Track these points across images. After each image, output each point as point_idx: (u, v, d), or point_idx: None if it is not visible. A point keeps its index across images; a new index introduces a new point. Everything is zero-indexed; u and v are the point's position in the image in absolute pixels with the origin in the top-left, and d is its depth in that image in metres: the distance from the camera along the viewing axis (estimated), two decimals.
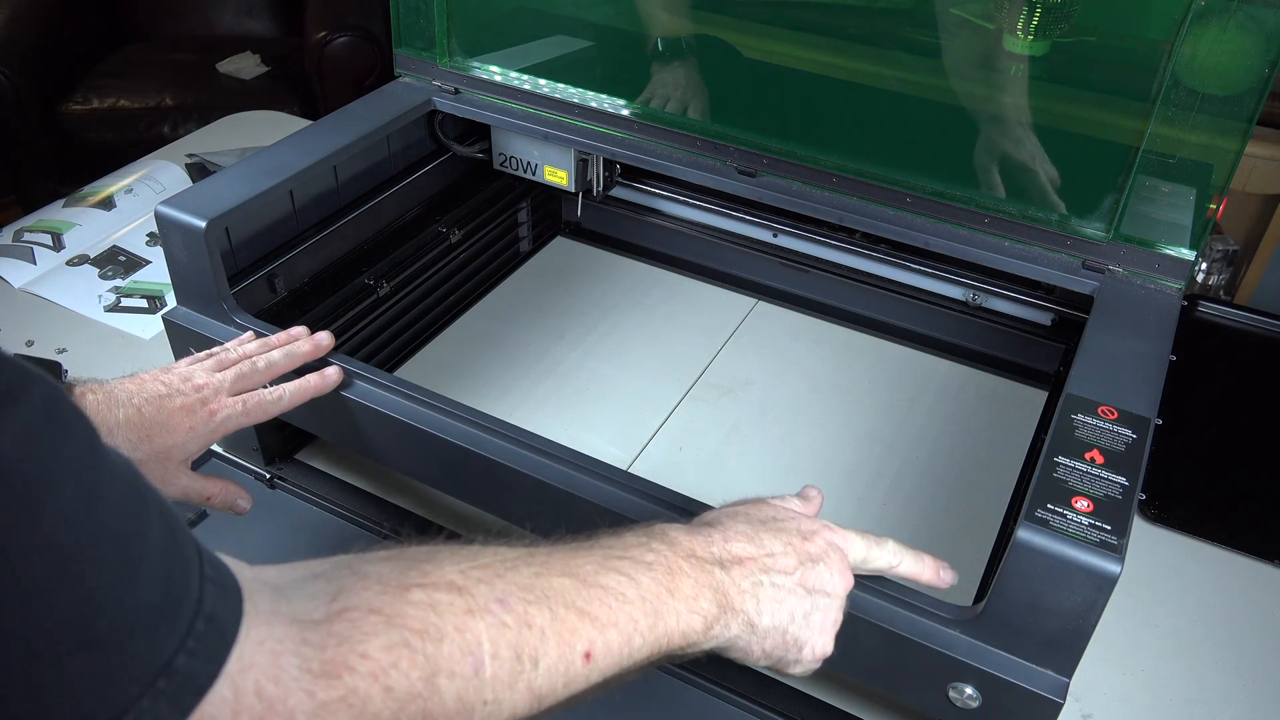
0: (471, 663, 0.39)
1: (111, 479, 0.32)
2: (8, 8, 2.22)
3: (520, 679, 0.41)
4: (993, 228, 0.83)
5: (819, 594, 0.53)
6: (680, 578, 0.48)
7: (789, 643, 0.52)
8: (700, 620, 0.48)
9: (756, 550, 0.52)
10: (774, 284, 1.14)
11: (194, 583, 0.34)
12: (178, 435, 0.66)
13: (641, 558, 0.48)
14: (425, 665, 0.38)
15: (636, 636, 0.45)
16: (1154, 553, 0.86)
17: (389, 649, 0.37)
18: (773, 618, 0.51)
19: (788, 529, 0.54)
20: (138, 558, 0.32)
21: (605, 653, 0.44)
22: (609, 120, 0.96)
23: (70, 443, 0.31)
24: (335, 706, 0.35)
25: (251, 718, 0.34)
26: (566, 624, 0.43)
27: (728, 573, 0.50)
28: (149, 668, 0.31)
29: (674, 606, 0.47)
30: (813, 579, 0.53)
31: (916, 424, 0.97)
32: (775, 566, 0.52)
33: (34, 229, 1.24)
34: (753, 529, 0.53)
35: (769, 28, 0.99)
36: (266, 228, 0.88)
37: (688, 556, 0.49)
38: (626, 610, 0.45)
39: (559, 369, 1.02)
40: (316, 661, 0.36)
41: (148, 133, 2.18)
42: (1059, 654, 0.57)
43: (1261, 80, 0.70)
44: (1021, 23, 0.83)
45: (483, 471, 0.71)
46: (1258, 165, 1.88)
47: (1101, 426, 0.63)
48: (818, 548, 0.54)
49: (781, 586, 0.52)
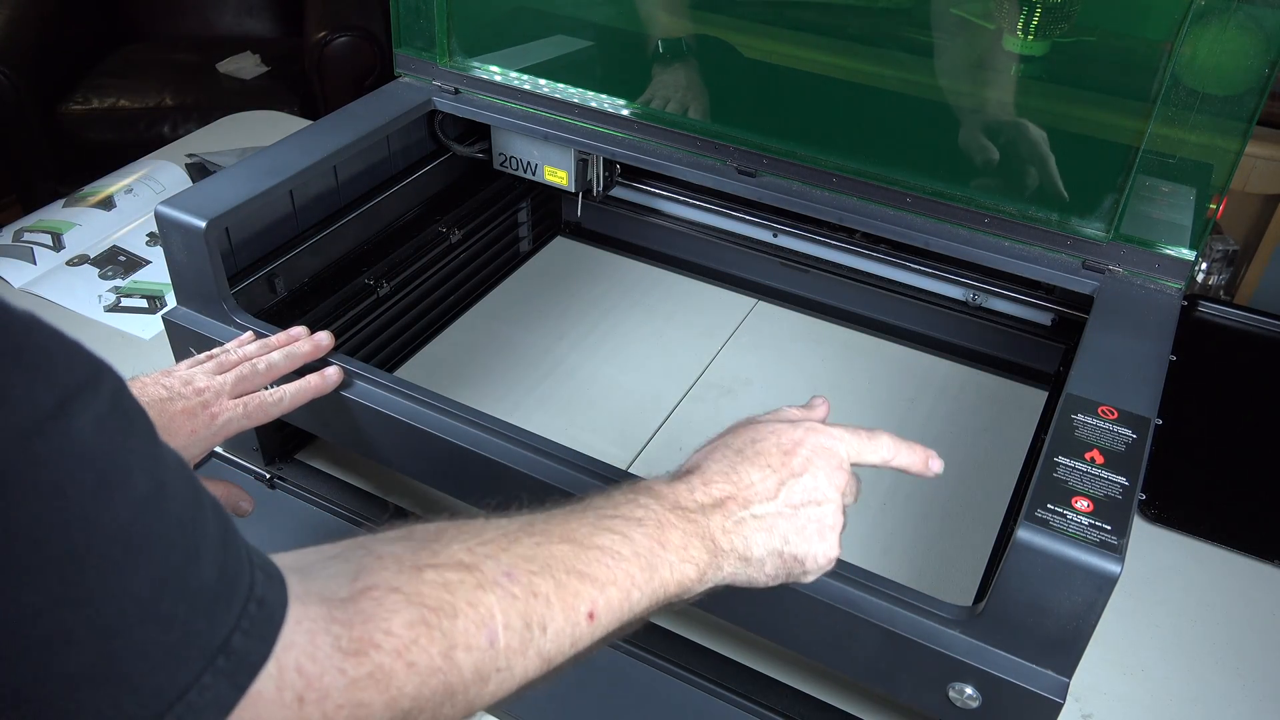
0: (486, 635, 0.41)
1: (172, 469, 0.34)
2: (8, 8, 2.21)
3: (531, 646, 0.43)
4: (993, 228, 0.83)
5: (808, 505, 0.54)
6: (669, 530, 0.50)
7: (789, 561, 0.53)
8: (693, 568, 0.50)
9: (735, 487, 0.53)
10: (774, 284, 1.13)
11: (245, 569, 0.35)
12: (179, 438, 0.66)
13: (631, 514, 0.50)
14: (443, 640, 0.40)
15: (635, 591, 0.47)
16: (1154, 553, 0.86)
17: (410, 626, 0.39)
18: (764, 546, 0.52)
19: (766, 449, 0.55)
20: (198, 543, 0.34)
21: (607, 610, 0.46)
22: (609, 120, 0.96)
23: (136, 433, 0.33)
24: (365, 683, 0.37)
25: (293, 693, 0.35)
26: (569, 589, 0.45)
27: (709, 517, 0.52)
28: (209, 646, 0.33)
29: (666, 558, 0.49)
30: (798, 494, 0.54)
31: (916, 424, 0.97)
32: (755, 496, 0.53)
33: (34, 229, 1.24)
34: (730, 463, 0.54)
35: (769, 28, 0.99)
36: (266, 228, 0.88)
37: (673, 508, 0.51)
38: (623, 567, 0.47)
39: (559, 369, 1.02)
40: (346, 639, 0.37)
41: (148, 133, 2.18)
42: (1059, 654, 0.57)
43: (1261, 80, 0.70)
44: (1021, 23, 0.83)
45: (483, 471, 0.71)
46: (1258, 165, 1.88)
47: (1101, 426, 0.63)
48: (800, 460, 0.54)
49: (765, 515, 0.53)
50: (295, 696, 0.35)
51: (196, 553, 0.33)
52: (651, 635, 0.76)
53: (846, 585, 0.61)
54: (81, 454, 0.30)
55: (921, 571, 0.82)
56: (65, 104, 2.21)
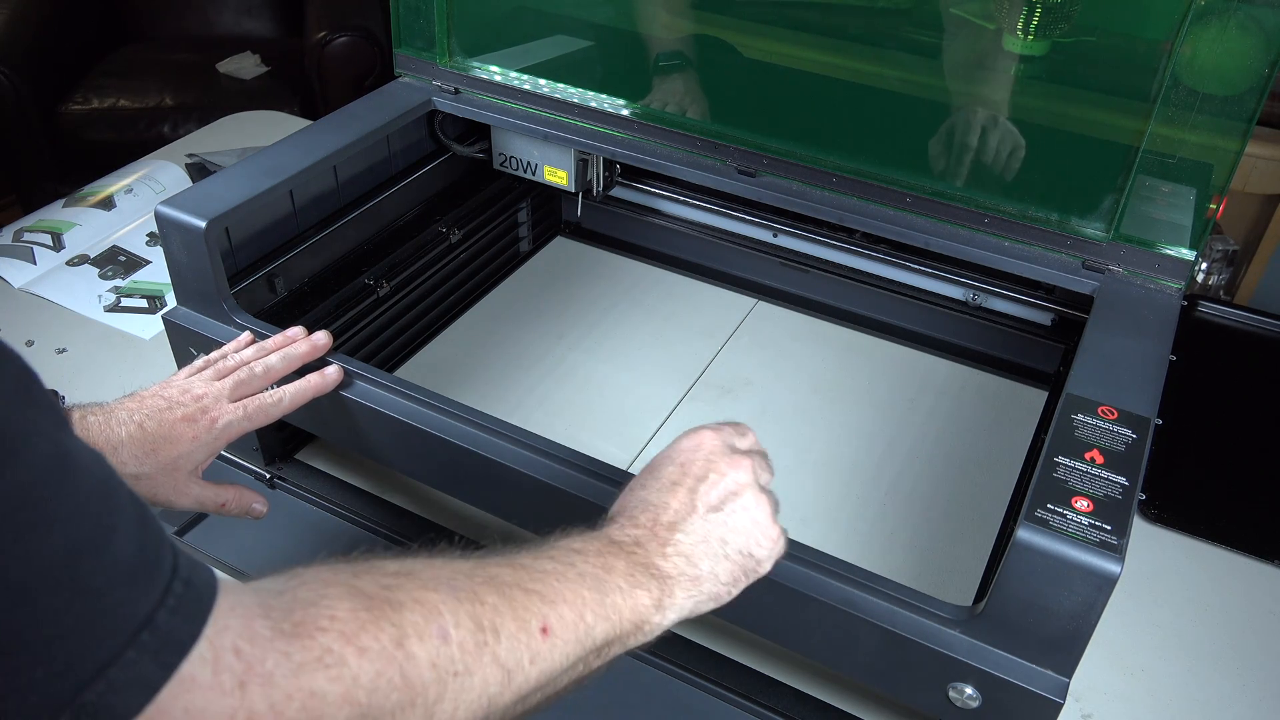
0: (436, 628, 0.40)
1: (81, 450, 0.33)
2: (8, 8, 2.21)
3: (485, 649, 0.41)
4: (993, 228, 0.83)
5: (727, 501, 0.54)
6: (611, 558, 0.49)
7: (738, 559, 0.53)
8: (646, 595, 0.49)
9: (655, 514, 0.53)
10: (774, 284, 1.14)
11: (167, 551, 0.35)
12: (182, 445, 0.66)
13: (569, 546, 0.50)
14: (392, 629, 0.38)
15: (587, 612, 0.46)
16: (1154, 553, 0.86)
17: (354, 612, 0.38)
18: (707, 558, 0.52)
19: (665, 473, 0.55)
20: (113, 519, 0.33)
21: (561, 627, 0.45)
22: (609, 120, 0.96)
23: (42, 413, 0.32)
24: (312, 666, 0.36)
25: (232, 677, 0.34)
26: (516, 601, 0.44)
27: (646, 549, 0.51)
28: (131, 620, 0.32)
29: (615, 583, 0.48)
30: (713, 496, 0.54)
31: (916, 424, 0.97)
32: (677, 517, 0.53)
33: (34, 229, 1.24)
34: (641, 498, 0.54)
35: (769, 28, 0.99)
36: (266, 228, 0.88)
37: (608, 543, 0.51)
38: (570, 587, 0.46)
39: (559, 369, 1.02)
40: (287, 623, 0.36)
41: (148, 133, 2.18)
42: (1059, 654, 0.57)
43: (1261, 80, 0.70)
44: (1021, 23, 0.83)
45: (483, 471, 0.71)
46: (1258, 165, 1.88)
47: (1101, 426, 0.63)
48: (699, 465, 0.55)
49: (693, 529, 0.52)
50: (236, 682, 0.34)
51: (112, 527, 0.32)
52: None
53: (846, 585, 0.61)
54: None
55: (921, 571, 0.82)
56: (65, 104, 2.21)
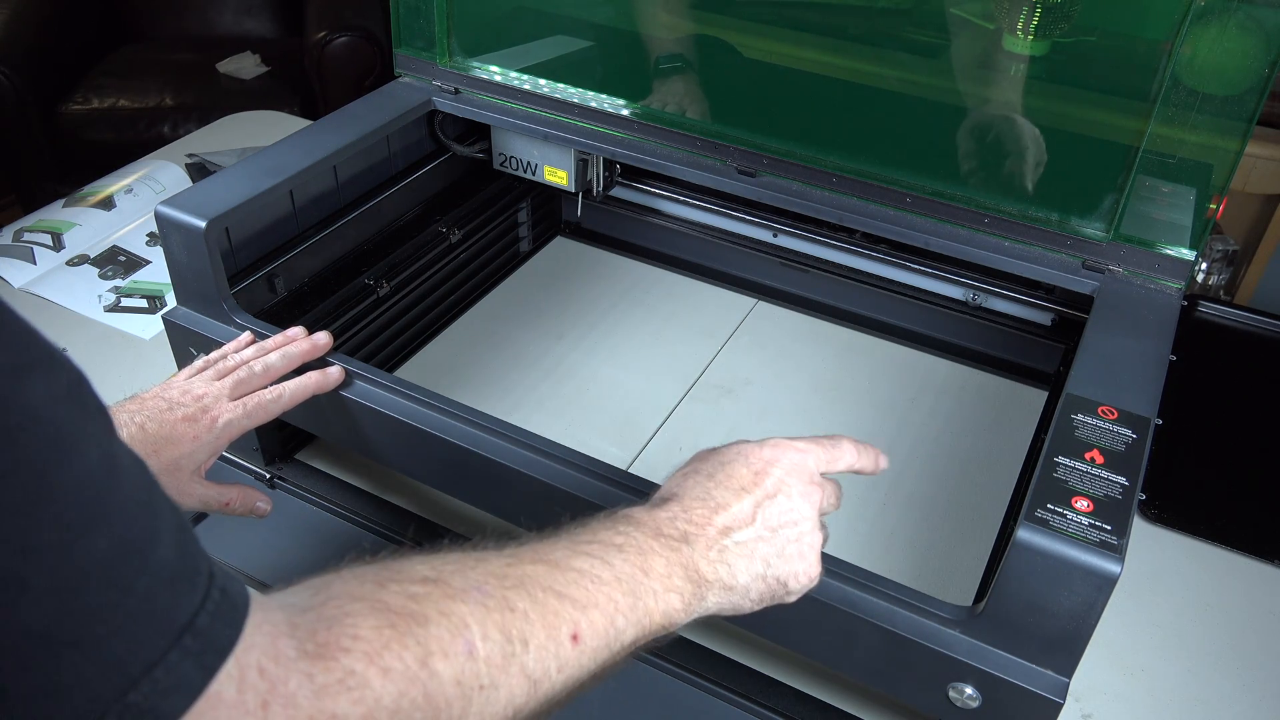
0: (463, 643, 0.39)
1: (128, 457, 0.33)
2: (8, 8, 2.21)
3: (513, 661, 0.41)
4: (993, 228, 0.83)
5: (786, 527, 0.53)
6: (652, 557, 0.48)
7: (773, 584, 0.53)
8: (678, 598, 0.49)
9: (714, 512, 0.52)
10: (774, 284, 1.13)
11: (204, 559, 0.35)
12: (184, 445, 0.66)
13: (610, 540, 0.48)
14: (417, 647, 0.38)
15: (619, 617, 0.45)
16: (1154, 553, 0.86)
17: (378, 630, 0.37)
18: (747, 573, 0.52)
19: (737, 472, 0.54)
20: (156, 524, 0.33)
21: (591, 634, 0.44)
22: (609, 120, 0.96)
23: (92, 417, 0.32)
24: (334, 689, 0.35)
25: (256, 696, 0.34)
26: (548, 607, 0.43)
27: (693, 546, 0.50)
28: (175, 622, 0.32)
29: (650, 586, 0.47)
30: (774, 516, 0.53)
31: (917, 424, 0.97)
32: (735, 523, 0.52)
33: (34, 229, 1.24)
34: (704, 489, 0.53)
35: (769, 28, 0.99)
36: (266, 228, 0.88)
37: (655, 535, 0.50)
38: (605, 590, 0.45)
39: (559, 369, 1.02)
40: (311, 643, 0.36)
41: (148, 133, 2.18)
42: (1059, 654, 0.57)
43: (1261, 80, 0.70)
44: (1021, 23, 0.83)
45: (483, 471, 0.71)
46: (1258, 165, 1.88)
47: (1101, 426, 0.63)
48: (773, 481, 0.54)
49: (745, 541, 0.52)
50: (259, 701, 0.33)
51: (155, 531, 0.33)
52: None
53: (846, 585, 0.61)
54: (36, 415, 0.29)
55: (921, 571, 0.82)
56: (65, 104, 2.21)
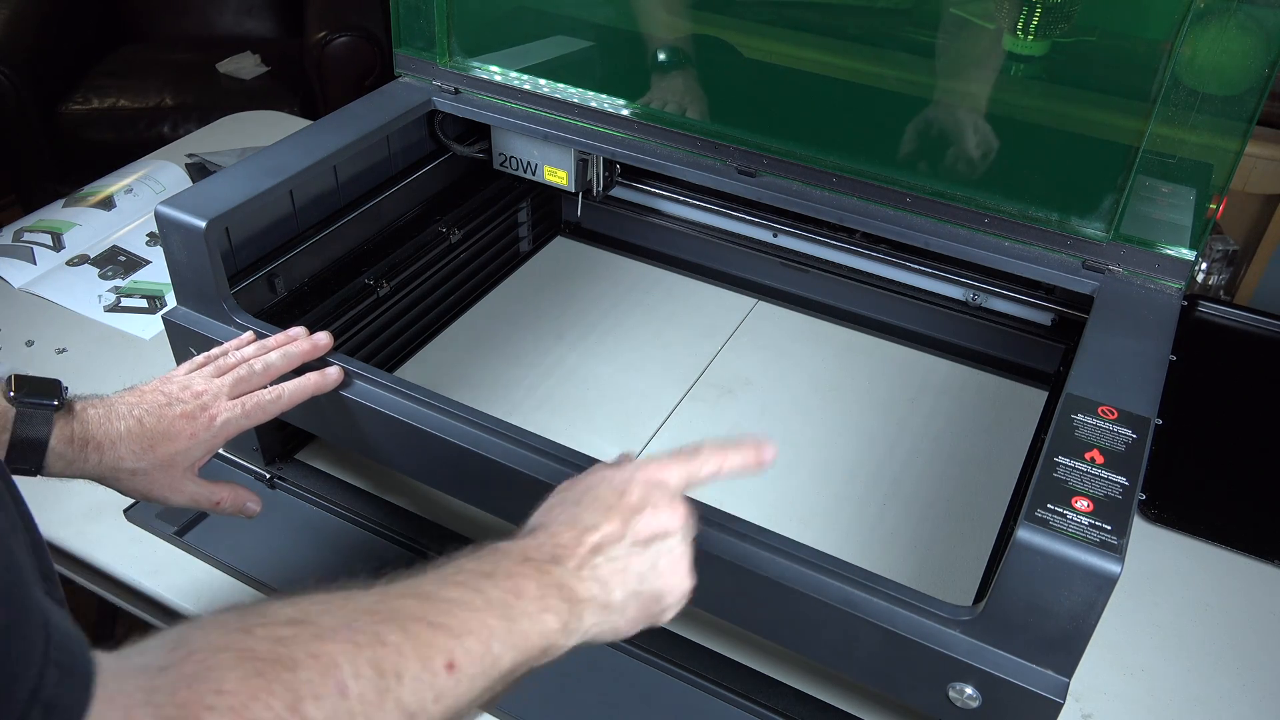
0: (334, 684, 0.38)
1: None
2: (8, 8, 2.21)
3: (388, 697, 0.40)
4: (993, 228, 0.83)
5: (655, 540, 0.53)
6: (523, 581, 0.48)
7: (648, 601, 0.53)
8: (554, 619, 0.48)
9: (581, 532, 0.52)
10: (774, 284, 1.14)
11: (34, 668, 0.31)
12: (180, 442, 0.66)
13: (479, 569, 0.48)
14: (286, 694, 0.36)
15: (495, 642, 0.45)
16: (1154, 553, 0.86)
17: (245, 680, 0.36)
18: (622, 588, 0.51)
19: (601, 494, 0.54)
20: None
21: (468, 661, 0.43)
22: (609, 120, 0.96)
23: None
24: None
25: None
26: (421, 638, 0.42)
27: (564, 567, 0.50)
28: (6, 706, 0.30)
29: (524, 608, 0.47)
30: (643, 529, 0.53)
31: (916, 424, 0.97)
32: (605, 541, 0.52)
33: (34, 229, 1.24)
34: (572, 515, 0.53)
35: (769, 28, 0.99)
36: (266, 228, 0.88)
37: (523, 560, 0.49)
38: (478, 617, 0.45)
39: (559, 369, 1.02)
40: (171, 706, 0.34)
41: (148, 133, 2.18)
42: (1059, 654, 0.57)
43: (1261, 80, 0.70)
44: (1021, 22, 0.83)
45: (483, 471, 0.71)
46: (1258, 165, 1.88)
47: (1101, 426, 0.63)
48: (636, 497, 0.54)
49: (617, 557, 0.52)
50: None
51: None
52: (651, 635, 0.76)
53: (846, 585, 0.61)
54: None
55: (921, 571, 0.82)
56: (65, 104, 2.21)
